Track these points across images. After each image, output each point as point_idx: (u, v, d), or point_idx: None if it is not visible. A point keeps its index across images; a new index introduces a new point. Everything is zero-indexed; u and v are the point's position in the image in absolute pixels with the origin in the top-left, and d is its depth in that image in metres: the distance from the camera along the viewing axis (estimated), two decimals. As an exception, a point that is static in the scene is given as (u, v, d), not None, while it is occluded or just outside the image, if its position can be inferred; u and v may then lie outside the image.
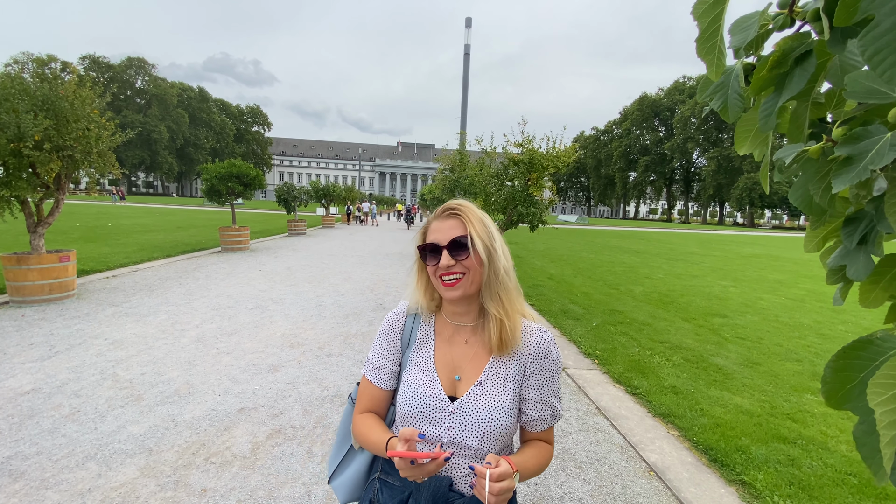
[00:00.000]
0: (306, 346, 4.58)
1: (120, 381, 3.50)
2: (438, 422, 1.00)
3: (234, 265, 9.47)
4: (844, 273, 0.92)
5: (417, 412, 1.01)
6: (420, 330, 1.11)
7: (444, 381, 1.04)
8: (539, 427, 1.07)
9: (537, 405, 1.05)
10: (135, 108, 72.50)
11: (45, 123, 4.91)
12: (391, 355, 1.11)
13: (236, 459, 2.57)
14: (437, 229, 1.04)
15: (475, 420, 0.99)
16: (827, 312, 7.58)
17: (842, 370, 0.61)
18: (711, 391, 3.91)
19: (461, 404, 1.00)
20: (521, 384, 1.05)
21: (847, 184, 0.63)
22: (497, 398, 1.01)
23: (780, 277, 11.84)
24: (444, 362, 1.06)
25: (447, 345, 1.08)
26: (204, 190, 11.67)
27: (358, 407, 1.12)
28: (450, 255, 1.00)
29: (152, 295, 6.37)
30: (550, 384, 1.06)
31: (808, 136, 0.86)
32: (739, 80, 0.88)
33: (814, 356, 5.10)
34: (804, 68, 0.77)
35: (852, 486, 2.59)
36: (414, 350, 1.10)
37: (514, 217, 6.06)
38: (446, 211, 1.06)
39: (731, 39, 0.86)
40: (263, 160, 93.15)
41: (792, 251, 21.92)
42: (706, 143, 72.59)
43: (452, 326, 1.10)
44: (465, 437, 0.98)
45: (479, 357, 1.05)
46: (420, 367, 1.07)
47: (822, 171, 0.77)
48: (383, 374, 1.10)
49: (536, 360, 1.05)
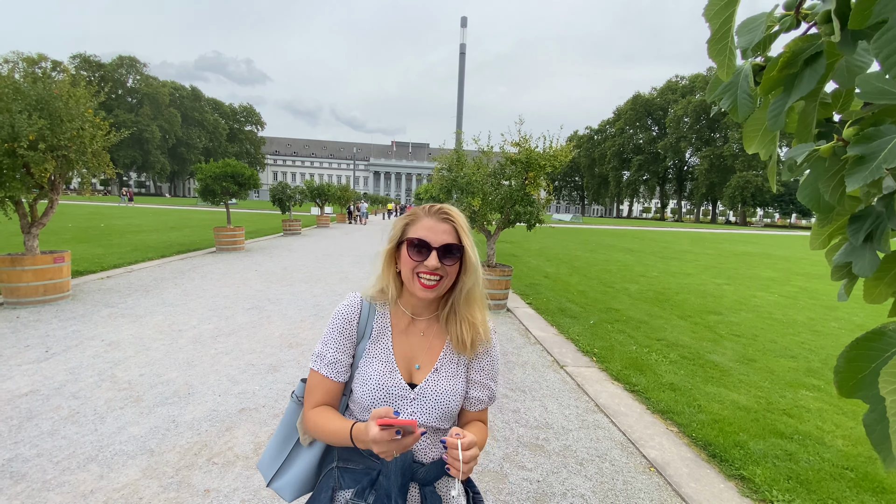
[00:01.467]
0: (305, 346, 4.57)
1: (119, 383, 3.48)
2: (400, 408, 1.06)
3: (229, 265, 9.42)
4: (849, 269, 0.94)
5: (380, 402, 1.06)
6: (376, 322, 1.13)
7: (402, 371, 1.10)
8: (478, 406, 1.16)
9: (479, 386, 1.15)
10: (126, 107, 71.68)
11: (40, 123, 4.86)
12: (346, 348, 1.11)
13: (239, 460, 2.57)
14: (429, 228, 1.06)
15: (434, 403, 1.07)
16: (820, 309, 7.68)
17: (854, 360, 0.63)
18: (709, 388, 3.95)
19: (421, 390, 1.08)
20: (467, 366, 1.15)
21: (861, 182, 0.65)
22: (451, 382, 1.10)
23: (773, 275, 11.97)
24: (402, 353, 1.12)
25: (404, 336, 1.13)
26: (198, 190, 11.59)
27: (309, 402, 1.10)
28: (438, 257, 1.03)
29: (148, 295, 6.33)
30: (491, 368, 1.17)
31: (816, 136, 0.88)
32: (749, 81, 0.90)
33: (808, 353, 5.16)
34: (814, 69, 0.79)
35: (849, 479, 2.64)
36: (371, 341, 1.12)
37: (512, 216, 6.08)
38: (441, 213, 1.09)
39: (738, 40, 0.87)
40: (257, 160, 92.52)
41: (784, 249, 22.16)
42: (699, 143, 73.08)
43: (408, 318, 1.15)
44: (426, 419, 1.06)
45: (434, 347, 1.13)
46: (379, 358, 1.10)
47: (832, 169, 0.79)
48: (339, 368, 1.10)
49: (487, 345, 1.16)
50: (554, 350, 4.86)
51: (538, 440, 2.99)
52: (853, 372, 0.62)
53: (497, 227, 6.70)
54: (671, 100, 77.77)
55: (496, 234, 6.71)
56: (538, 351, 4.89)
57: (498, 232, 6.68)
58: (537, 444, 2.94)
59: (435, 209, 1.10)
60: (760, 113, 0.96)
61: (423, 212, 1.10)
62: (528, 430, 3.11)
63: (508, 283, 6.39)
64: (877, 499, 2.46)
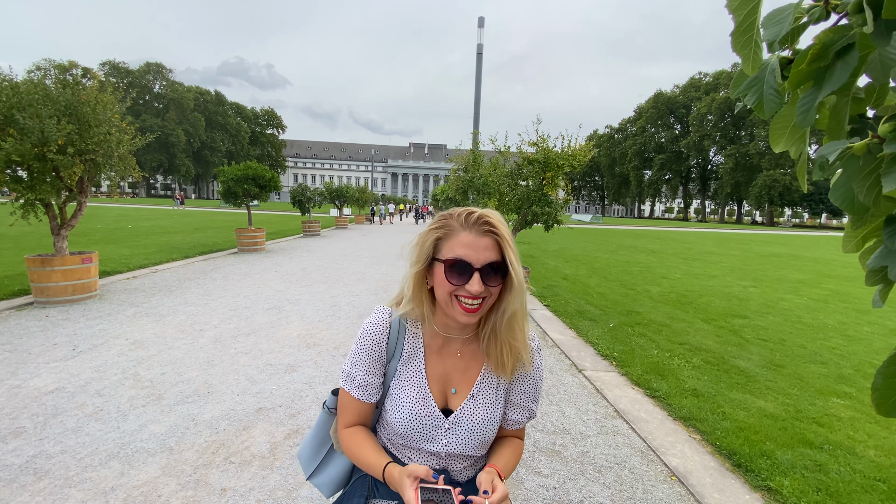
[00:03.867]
0: (322, 346, 4.60)
1: (141, 381, 3.56)
2: (435, 439, 1.00)
3: (250, 266, 9.59)
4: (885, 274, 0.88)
5: (414, 431, 1.00)
6: (407, 342, 1.04)
7: (436, 396, 1.02)
8: (516, 427, 1.11)
9: (518, 409, 1.08)
10: (153, 112, 74.03)
11: (68, 128, 5.03)
12: (376, 370, 1.04)
13: (255, 459, 2.59)
14: (468, 245, 0.91)
15: (470, 434, 1.00)
16: (851, 313, 7.37)
17: (893, 376, 0.58)
18: (733, 394, 3.82)
19: (456, 419, 1.00)
20: (507, 389, 1.08)
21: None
22: (489, 410, 1.03)
23: (802, 277, 11.55)
24: (437, 376, 1.03)
25: (438, 357, 1.04)
26: (221, 192, 11.83)
27: (343, 420, 1.06)
28: (481, 279, 0.90)
29: (171, 295, 6.48)
30: (533, 390, 1.09)
31: (849, 133, 0.83)
32: (776, 75, 0.85)
33: (839, 358, 4.95)
34: (846, 62, 0.74)
35: (882, 492, 2.51)
36: (403, 363, 1.04)
37: (529, 217, 6.01)
38: (481, 224, 0.92)
39: (764, 33, 0.83)
40: (278, 162, 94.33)
41: (813, 250, 21.39)
42: (723, 141, 71.26)
43: (443, 338, 1.05)
44: (462, 448, 1.01)
45: (471, 369, 1.04)
46: (411, 382, 1.02)
47: (867, 168, 0.74)
48: (370, 391, 1.04)
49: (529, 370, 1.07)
50: (572, 353, 4.78)
51: (555, 446, 2.93)
52: (893, 389, 0.57)
53: (514, 227, 6.64)
54: (694, 97, 76.06)
55: (513, 235, 6.65)
56: (556, 354, 4.81)
57: (515, 233, 6.62)
58: (554, 449, 2.89)
59: (473, 219, 0.93)
60: (788, 109, 0.91)
61: (458, 223, 0.93)
62: (545, 436, 3.06)
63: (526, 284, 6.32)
64: (915, 515, 2.34)
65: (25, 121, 4.85)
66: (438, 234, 0.95)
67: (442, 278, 0.92)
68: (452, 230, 0.93)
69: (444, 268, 0.92)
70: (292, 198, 19.25)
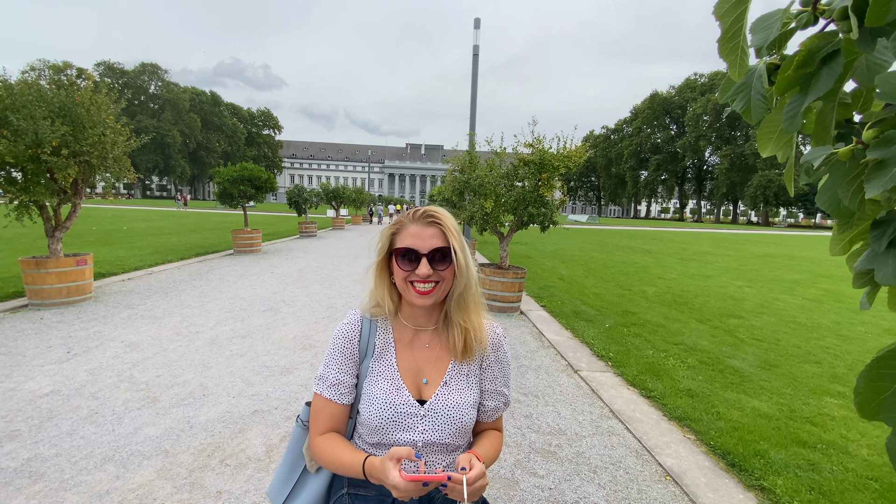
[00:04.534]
0: (318, 347, 4.60)
1: (136, 384, 3.55)
2: (411, 427, 1.02)
3: (246, 267, 9.57)
4: (872, 277, 0.90)
5: (388, 422, 1.01)
6: (378, 338, 1.08)
7: (410, 387, 1.05)
8: (493, 416, 1.13)
9: (492, 395, 1.11)
10: (148, 112, 73.69)
11: (63, 129, 5.01)
12: (349, 369, 1.06)
13: (251, 462, 2.59)
14: (415, 235, 1.02)
15: (446, 419, 1.03)
16: (846, 313, 7.42)
17: (875, 380, 0.59)
18: (728, 394, 3.84)
19: (431, 407, 1.03)
20: (479, 377, 1.11)
21: (881, 188, 0.61)
22: (462, 395, 1.06)
23: (797, 277, 11.62)
24: (408, 368, 1.07)
25: (408, 350, 1.09)
26: (217, 193, 11.81)
27: (315, 428, 1.05)
28: (429, 264, 1.00)
29: (167, 297, 6.46)
30: (502, 375, 1.13)
31: (835, 138, 0.84)
32: (763, 81, 0.86)
33: (833, 358, 4.99)
34: (832, 68, 0.75)
35: (874, 490, 2.53)
36: (374, 359, 1.07)
37: (525, 218, 6.03)
38: (426, 217, 1.04)
39: (752, 38, 0.84)
40: (274, 163, 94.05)
41: (808, 250, 21.52)
42: (719, 141, 71.57)
43: (412, 330, 1.10)
44: (439, 436, 1.02)
45: (442, 359, 1.09)
46: (383, 376, 1.05)
47: (852, 173, 0.75)
48: (343, 390, 1.05)
49: (491, 353, 1.11)
50: (568, 354, 4.80)
51: (551, 446, 2.94)
52: (874, 393, 0.58)
53: (510, 228, 6.65)
54: (690, 98, 76.38)
55: (509, 236, 6.66)
56: (552, 355, 4.83)
57: (511, 234, 6.63)
58: (550, 450, 2.90)
59: (419, 213, 1.05)
60: (775, 114, 0.92)
61: (408, 218, 1.05)
62: (541, 436, 3.07)
63: (522, 285, 6.33)
64: (906, 513, 2.36)
65: (19, 122, 4.83)
66: (393, 229, 1.07)
67: (396, 267, 1.03)
68: (404, 225, 1.05)
69: (395, 256, 1.03)
70: (289, 199, 19.22)
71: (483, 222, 6.30)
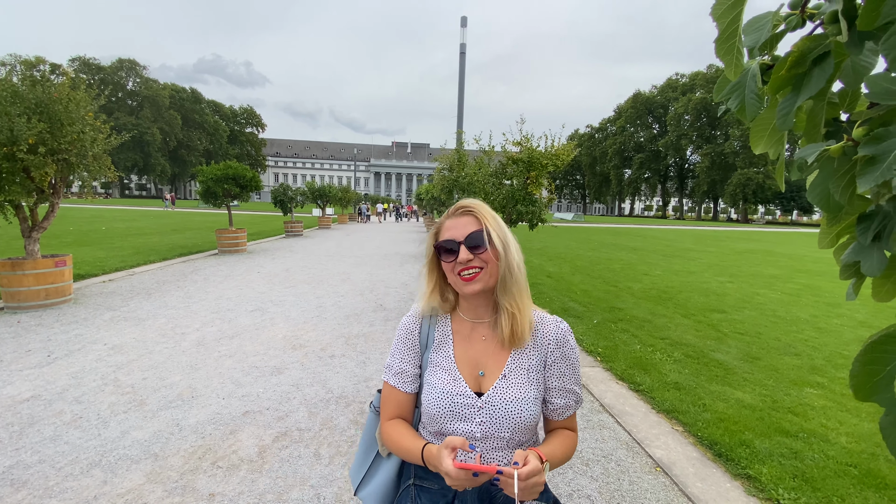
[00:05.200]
0: (308, 347, 4.56)
1: (121, 387, 3.48)
2: (468, 418, 1.02)
3: (231, 267, 9.43)
4: (858, 268, 0.93)
5: (446, 411, 1.03)
6: (437, 331, 1.13)
7: (467, 378, 1.06)
8: (563, 415, 1.10)
9: (560, 393, 1.09)
10: (126, 110, 71.84)
11: (39, 127, 4.86)
12: (411, 358, 1.12)
13: (243, 463, 2.56)
14: (451, 227, 1.06)
15: (504, 413, 1.02)
16: (822, 307, 7.65)
17: (869, 363, 0.62)
18: (713, 386, 3.94)
19: (489, 399, 1.03)
20: (544, 374, 1.09)
21: (872, 183, 0.64)
22: (522, 389, 1.04)
23: (776, 272, 11.93)
24: (466, 360, 1.08)
25: (466, 342, 1.10)
26: (200, 192, 11.60)
27: (384, 414, 1.12)
28: (468, 249, 1.02)
29: (150, 299, 6.33)
30: (571, 372, 1.10)
31: (824, 136, 0.87)
32: (756, 80, 0.89)
33: (812, 350, 5.14)
34: (822, 69, 0.78)
35: (853, 476, 2.62)
36: (433, 351, 1.11)
37: (514, 216, 6.07)
38: (459, 209, 1.08)
39: (744, 39, 0.86)
40: (258, 161, 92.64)
41: (786, 246, 22.10)
42: (700, 140, 72.91)
43: (470, 324, 1.12)
44: (497, 429, 1.02)
45: (500, 351, 1.08)
46: (441, 366, 1.08)
47: (842, 169, 0.78)
48: (406, 379, 1.11)
49: (556, 349, 1.09)
50: (557, 350, 4.84)
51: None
52: (869, 375, 0.61)
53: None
54: (672, 97, 77.63)
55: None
56: (541, 351, 4.87)
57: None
58: (542, 444, 2.93)
59: (453, 208, 1.10)
60: (767, 113, 0.95)
61: (445, 217, 1.10)
62: (533, 431, 3.10)
63: (510, 282, 6.37)
64: (880, 495, 2.45)
65: (-7, 119, 4.68)
66: (436, 229, 1.11)
67: (443, 262, 1.07)
68: (442, 224, 1.10)
69: (440, 253, 1.07)
70: (273, 198, 18.99)
71: (472, 220, 6.32)
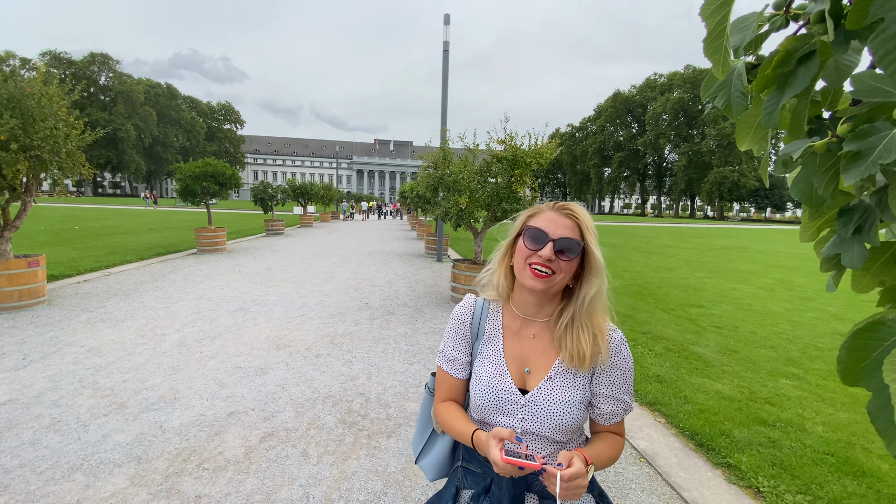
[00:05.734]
0: (293, 347, 4.51)
1: (101, 389, 3.39)
2: (511, 413, 1.04)
3: (211, 267, 9.24)
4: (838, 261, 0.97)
5: (490, 404, 1.05)
6: (488, 323, 1.14)
7: (513, 374, 1.07)
8: (610, 420, 1.08)
9: (609, 401, 1.06)
10: (99, 105, 69.48)
11: (12, 122, 4.68)
12: (463, 346, 1.15)
13: (230, 464, 2.53)
14: (549, 220, 1.03)
15: (547, 413, 1.02)
16: (796, 300, 7.92)
17: (856, 350, 0.65)
18: (693, 379, 4.04)
19: (532, 398, 1.03)
20: (592, 380, 1.07)
21: (857, 178, 0.67)
22: (567, 393, 1.03)
23: (751, 268, 12.29)
24: (513, 356, 1.09)
25: (515, 338, 1.10)
26: (178, 190, 11.32)
27: (438, 396, 1.18)
28: (554, 249, 0.99)
29: (128, 299, 6.17)
30: (623, 381, 1.07)
31: (808, 133, 0.91)
32: (742, 79, 0.92)
33: (786, 342, 5.32)
34: (808, 67, 0.81)
35: (830, 464, 2.73)
36: (483, 342, 1.13)
37: (499, 213, 6.11)
38: (564, 209, 1.05)
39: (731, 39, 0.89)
40: (237, 159, 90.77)
41: (760, 242, 22.77)
42: (677, 139, 74.41)
43: (521, 320, 1.11)
44: (538, 427, 1.03)
45: (548, 352, 1.07)
46: (490, 359, 1.10)
47: (826, 165, 0.81)
48: (458, 366, 1.14)
49: (609, 357, 1.05)
50: (542, 346, 4.90)
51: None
52: (855, 361, 0.64)
53: (484, 224, 6.72)
54: (650, 97, 78.98)
55: (483, 232, 6.74)
56: (527, 347, 4.92)
57: (485, 229, 6.70)
58: (530, 439, 2.96)
59: (559, 205, 1.06)
60: (752, 111, 0.98)
61: (547, 206, 1.08)
62: (521, 426, 3.13)
63: (496, 280, 6.41)
64: (857, 482, 2.56)
65: (-40, 114, 4.48)
66: (531, 213, 1.09)
67: (521, 245, 1.04)
68: (541, 210, 1.07)
69: (524, 235, 1.04)
70: (254, 196, 18.67)
71: (458, 218, 6.34)
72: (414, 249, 14.25)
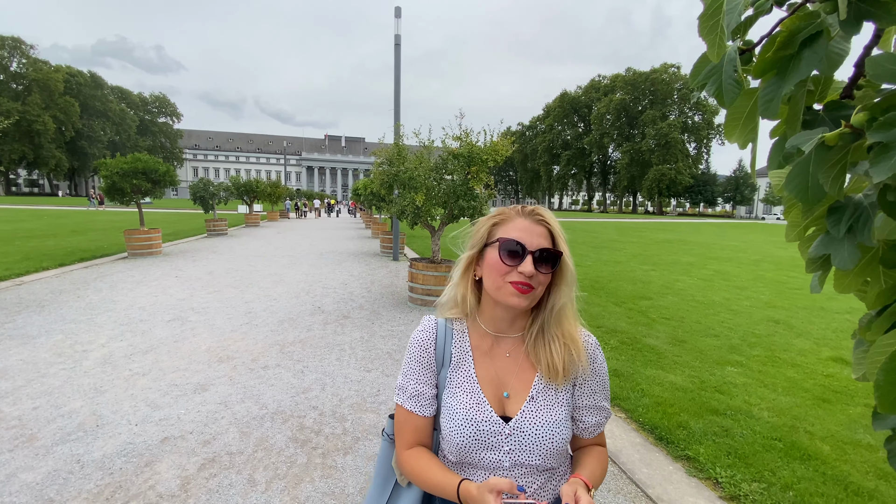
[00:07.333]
0: (237, 359, 4.17)
1: (5, 419, 2.93)
2: (495, 446, 0.92)
3: (144, 272, 8.49)
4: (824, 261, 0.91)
5: (471, 440, 0.92)
6: (454, 346, 1.00)
7: (492, 401, 0.95)
8: (595, 432, 1.03)
9: (592, 411, 1.01)
10: (11, 94, 62.49)
11: None
12: (428, 377, 1.00)
13: (163, 499, 2.23)
14: (523, 229, 0.93)
15: (535, 439, 0.92)
16: (733, 290, 8.43)
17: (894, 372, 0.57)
18: (648, 371, 4.13)
19: (517, 424, 0.92)
20: (574, 393, 0.99)
21: (889, 172, 0.58)
22: (553, 411, 0.94)
23: (691, 260, 13.02)
24: (488, 379, 0.97)
25: (487, 359, 0.99)
26: (104, 188, 10.33)
27: (401, 442, 0.99)
28: (534, 263, 0.90)
29: (43, 312, 5.49)
30: (601, 388, 1.02)
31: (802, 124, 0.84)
32: (734, 64, 0.83)
33: (728, 331, 5.61)
34: (814, 51, 0.73)
35: (779, 449, 2.84)
36: (451, 369, 0.99)
37: (456, 211, 6.00)
38: (535, 215, 0.96)
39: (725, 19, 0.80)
40: (174, 154, 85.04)
41: (696, 235, 24.29)
42: (620, 139, 78.00)
43: (492, 337, 1.00)
44: (527, 457, 0.92)
45: (525, 370, 0.98)
46: (462, 388, 0.96)
47: (834, 158, 0.74)
48: (423, 401, 0.99)
49: (587, 366, 1.00)
50: (502, 344, 4.85)
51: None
52: (894, 386, 0.56)
53: (441, 222, 6.59)
54: (595, 98, 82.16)
55: (440, 230, 6.61)
56: (486, 346, 4.86)
57: (442, 227, 6.58)
58: (494, 444, 2.87)
59: (528, 210, 0.97)
60: (742, 101, 0.90)
61: (514, 212, 0.97)
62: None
63: (453, 278, 6.31)
64: (805, 466, 2.67)
65: None
66: (495, 220, 0.98)
67: (495, 259, 0.92)
68: (509, 217, 0.96)
69: (498, 248, 0.92)
70: (192, 194, 17.51)
71: (414, 216, 6.16)
72: (369, 248, 13.90)
